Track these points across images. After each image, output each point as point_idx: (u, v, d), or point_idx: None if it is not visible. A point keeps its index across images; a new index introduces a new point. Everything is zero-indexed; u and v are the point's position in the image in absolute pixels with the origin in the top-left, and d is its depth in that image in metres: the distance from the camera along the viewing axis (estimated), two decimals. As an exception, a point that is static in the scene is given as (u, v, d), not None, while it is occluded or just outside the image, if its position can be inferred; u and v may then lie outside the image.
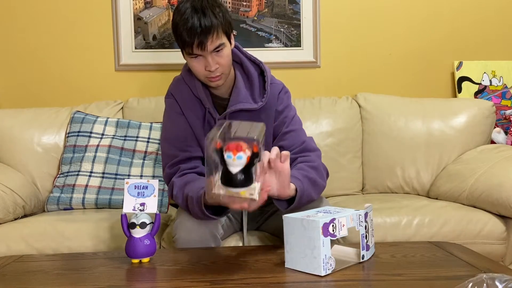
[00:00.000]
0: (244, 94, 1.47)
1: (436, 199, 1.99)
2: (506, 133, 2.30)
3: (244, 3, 2.41)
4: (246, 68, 1.50)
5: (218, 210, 1.31)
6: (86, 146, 2.05)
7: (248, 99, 1.46)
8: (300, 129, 1.51)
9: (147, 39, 2.41)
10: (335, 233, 1.05)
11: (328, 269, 1.03)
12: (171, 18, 2.43)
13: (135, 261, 1.19)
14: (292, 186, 1.26)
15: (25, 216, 1.91)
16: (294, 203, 1.27)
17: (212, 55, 1.36)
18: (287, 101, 1.52)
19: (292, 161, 1.41)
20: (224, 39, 1.37)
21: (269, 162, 1.17)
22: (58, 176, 2.05)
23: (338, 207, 1.18)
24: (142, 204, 1.19)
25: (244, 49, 1.54)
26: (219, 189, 1.02)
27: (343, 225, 1.07)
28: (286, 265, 1.09)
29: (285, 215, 1.10)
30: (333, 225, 1.05)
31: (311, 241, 1.03)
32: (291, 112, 1.52)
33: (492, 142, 2.24)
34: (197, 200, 1.28)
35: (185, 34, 1.32)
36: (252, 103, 1.46)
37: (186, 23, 1.31)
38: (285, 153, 1.21)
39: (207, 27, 1.30)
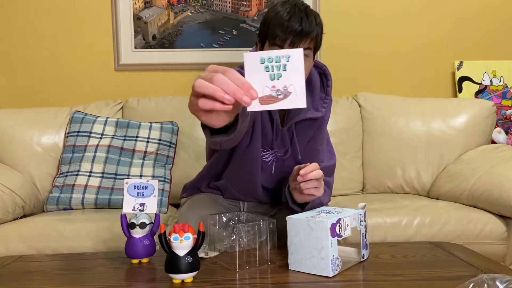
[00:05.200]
0: (307, 103, 1.42)
1: (437, 199, 1.99)
2: (506, 133, 2.30)
3: (244, 3, 2.40)
4: (310, 74, 1.42)
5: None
6: (86, 146, 2.05)
7: (310, 107, 1.39)
8: (322, 151, 1.48)
9: (146, 39, 2.40)
10: (341, 233, 1.04)
11: (336, 270, 1.03)
12: (171, 18, 2.41)
13: (135, 261, 1.18)
14: None
15: (24, 216, 1.90)
16: (308, 205, 1.31)
17: None
18: (329, 114, 1.48)
19: None
20: (312, 49, 1.29)
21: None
22: (57, 176, 2.04)
23: (338, 207, 1.18)
24: (142, 204, 1.19)
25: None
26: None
27: (348, 225, 1.07)
28: (290, 267, 1.08)
29: (289, 216, 1.09)
30: (339, 225, 1.04)
31: (319, 242, 1.02)
32: (326, 128, 1.50)
33: (493, 142, 2.24)
34: None
35: (279, 28, 1.22)
36: (314, 111, 1.40)
37: (283, 18, 1.21)
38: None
39: (305, 31, 1.22)
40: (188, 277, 1.01)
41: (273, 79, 0.74)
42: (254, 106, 0.75)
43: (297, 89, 0.75)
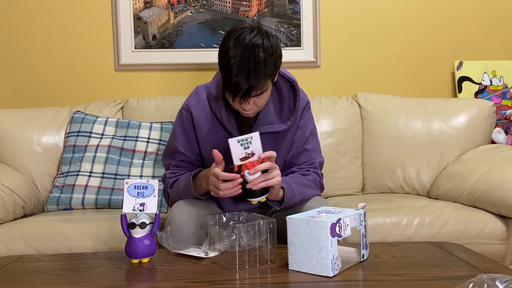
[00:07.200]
0: (272, 114, 1.44)
1: (437, 199, 1.99)
2: (506, 133, 2.30)
3: (244, 3, 2.40)
4: (279, 86, 1.46)
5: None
6: (86, 146, 2.05)
7: (275, 119, 1.44)
8: (312, 149, 1.51)
9: (147, 39, 2.40)
10: (340, 233, 1.04)
11: (336, 270, 1.03)
12: (171, 18, 2.43)
13: (135, 261, 1.19)
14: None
15: (24, 216, 1.90)
16: (284, 201, 1.36)
17: (251, 99, 1.31)
18: (307, 116, 1.51)
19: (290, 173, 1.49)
20: (269, 85, 1.33)
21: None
22: (57, 176, 2.04)
23: (338, 207, 1.18)
24: (142, 204, 1.19)
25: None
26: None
27: (347, 225, 1.07)
28: (290, 267, 1.08)
29: (289, 216, 1.09)
30: (339, 225, 1.04)
31: (319, 242, 1.02)
32: (308, 127, 1.51)
33: (493, 142, 2.24)
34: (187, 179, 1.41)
35: (228, 84, 1.27)
36: (280, 123, 1.44)
37: (231, 72, 1.25)
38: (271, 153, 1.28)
39: (252, 86, 1.26)
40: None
41: (246, 148, 1.25)
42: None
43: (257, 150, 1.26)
